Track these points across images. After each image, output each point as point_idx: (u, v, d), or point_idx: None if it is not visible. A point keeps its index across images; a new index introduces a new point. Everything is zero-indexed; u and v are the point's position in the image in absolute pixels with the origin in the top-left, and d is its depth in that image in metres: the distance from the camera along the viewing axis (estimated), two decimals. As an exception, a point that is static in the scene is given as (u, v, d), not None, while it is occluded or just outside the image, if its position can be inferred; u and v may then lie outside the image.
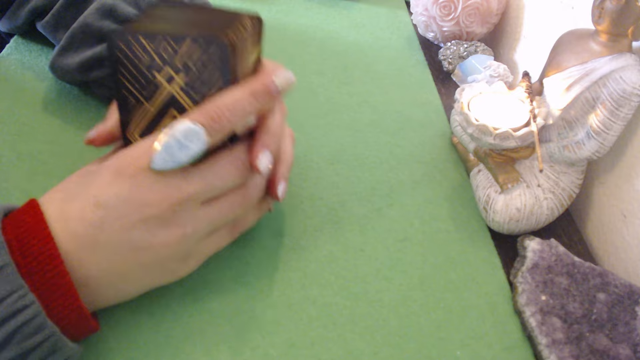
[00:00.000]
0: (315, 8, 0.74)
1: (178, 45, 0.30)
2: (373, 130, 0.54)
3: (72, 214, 0.29)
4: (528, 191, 0.44)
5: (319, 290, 0.38)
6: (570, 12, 0.56)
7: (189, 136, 0.30)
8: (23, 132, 0.45)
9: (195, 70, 0.31)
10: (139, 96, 0.32)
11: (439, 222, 0.46)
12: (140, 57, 0.31)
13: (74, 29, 0.45)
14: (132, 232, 0.30)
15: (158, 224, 0.30)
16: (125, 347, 0.33)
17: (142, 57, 0.31)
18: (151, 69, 0.31)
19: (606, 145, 0.42)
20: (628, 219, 0.45)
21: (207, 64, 0.31)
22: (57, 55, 0.46)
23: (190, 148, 0.30)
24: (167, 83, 0.31)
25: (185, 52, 0.30)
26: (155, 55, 0.31)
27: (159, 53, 0.31)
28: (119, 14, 0.44)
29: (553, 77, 0.44)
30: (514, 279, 0.41)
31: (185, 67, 0.31)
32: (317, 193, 0.46)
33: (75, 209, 0.29)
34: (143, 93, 0.32)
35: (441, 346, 0.37)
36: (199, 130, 0.30)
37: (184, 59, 0.31)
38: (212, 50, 0.30)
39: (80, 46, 0.45)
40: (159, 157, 0.29)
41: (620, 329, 0.38)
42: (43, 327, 0.27)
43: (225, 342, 0.34)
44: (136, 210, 0.30)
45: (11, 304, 0.26)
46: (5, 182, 0.41)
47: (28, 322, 0.26)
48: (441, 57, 0.66)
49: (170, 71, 0.31)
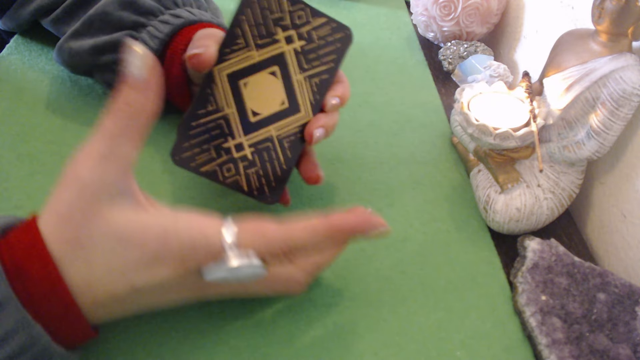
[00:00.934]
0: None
1: (314, 17, 0.34)
2: (373, 130, 0.54)
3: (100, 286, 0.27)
4: (528, 191, 0.44)
5: (319, 290, 0.38)
6: (570, 12, 0.56)
7: (248, 276, 0.29)
8: (23, 132, 0.45)
9: (317, 43, 0.35)
10: (251, 41, 0.34)
11: (439, 222, 0.46)
12: (273, 10, 0.34)
13: (90, 15, 0.44)
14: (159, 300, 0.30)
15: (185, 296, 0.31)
16: (125, 347, 0.33)
17: (276, 11, 0.34)
18: (278, 25, 0.34)
19: (606, 145, 0.42)
20: (628, 219, 0.45)
21: (329, 44, 0.35)
22: (69, 38, 0.45)
23: (241, 280, 0.29)
24: (285, 42, 0.34)
25: (317, 26, 0.34)
26: (288, 16, 0.34)
27: (292, 16, 0.34)
28: (140, 5, 0.44)
29: (553, 77, 0.44)
30: (514, 279, 0.41)
31: (310, 37, 0.35)
32: (317, 193, 0.46)
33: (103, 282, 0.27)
34: (257, 40, 0.34)
35: (441, 346, 0.37)
36: (262, 273, 0.29)
37: (312, 30, 0.34)
38: (340, 35, 0.35)
39: (97, 32, 0.44)
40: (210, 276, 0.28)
41: (620, 329, 0.38)
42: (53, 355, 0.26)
43: (225, 342, 0.34)
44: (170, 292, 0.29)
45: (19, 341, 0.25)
46: (5, 182, 0.41)
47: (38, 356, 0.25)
48: (441, 57, 0.66)
49: (295, 35, 0.34)
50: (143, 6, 0.44)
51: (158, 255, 0.27)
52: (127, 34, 0.43)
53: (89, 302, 0.27)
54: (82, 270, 0.26)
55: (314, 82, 0.36)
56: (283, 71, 0.35)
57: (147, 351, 0.33)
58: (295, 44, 0.34)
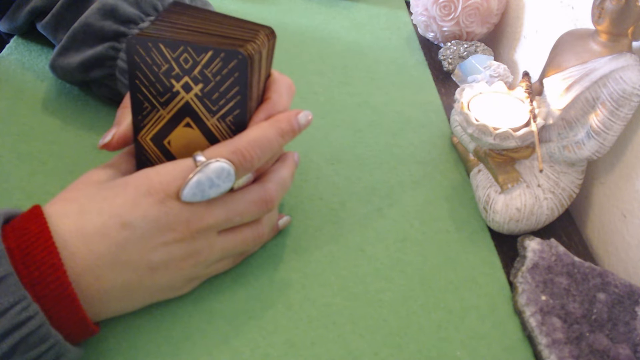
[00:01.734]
0: (315, 8, 0.74)
1: (199, 55, 0.31)
2: (373, 130, 0.54)
3: (93, 230, 0.29)
4: (528, 191, 0.44)
5: (319, 290, 0.38)
6: (570, 12, 0.56)
7: (220, 175, 0.31)
8: (23, 132, 0.45)
9: (214, 81, 0.31)
10: (155, 102, 0.32)
11: (439, 222, 0.46)
12: (159, 64, 0.31)
13: (74, 28, 0.45)
14: (152, 253, 0.31)
15: (177, 248, 0.31)
16: (125, 347, 0.33)
17: (162, 64, 0.31)
18: (169, 77, 0.31)
19: (606, 145, 0.42)
20: (628, 219, 0.45)
21: (226, 77, 0.31)
22: (58, 55, 0.46)
23: (220, 186, 0.31)
24: (184, 92, 0.32)
25: (206, 63, 0.31)
26: (174, 64, 0.31)
27: (178, 62, 0.31)
28: (120, 14, 0.44)
29: (553, 77, 0.44)
30: (514, 279, 0.41)
31: (205, 78, 0.31)
32: (317, 193, 0.46)
33: (96, 225, 0.29)
34: (159, 99, 0.32)
35: (441, 346, 0.37)
36: (230, 170, 0.31)
37: (203, 69, 0.31)
38: (233, 63, 0.31)
39: (81, 46, 0.45)
40: (189, 191, 0.30)
41: (620, 329, 0.38)
42: (47, 336, 0.26)
43: (225, 342, 0.34)
44: (160, 233, 0.30)
45: (15, 315, 0.26)
46: (5, 182, 0.41)
47: (32, 333, 0.26)
48: (441, 57, 0.66)
49: (189, 81, 0.31)
50: (124, 14, 0.44)
51: (141, 190, 0.30)
52: (110, 46, 0.44)
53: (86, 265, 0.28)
54: (74, 219, 0.29)
55: (229, 121, 0.33)
56: (195, 120, 0.33)
57: (147, 351, 0.33)
58: (194, 90, 0.32)
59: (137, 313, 0.35)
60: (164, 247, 0.31)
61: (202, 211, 0.32)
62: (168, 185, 0.30)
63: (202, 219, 0.32)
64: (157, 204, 0.30)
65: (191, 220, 0.31)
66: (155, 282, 0.32)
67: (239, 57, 0.30)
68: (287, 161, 0.38)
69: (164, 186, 0.30)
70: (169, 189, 0.30)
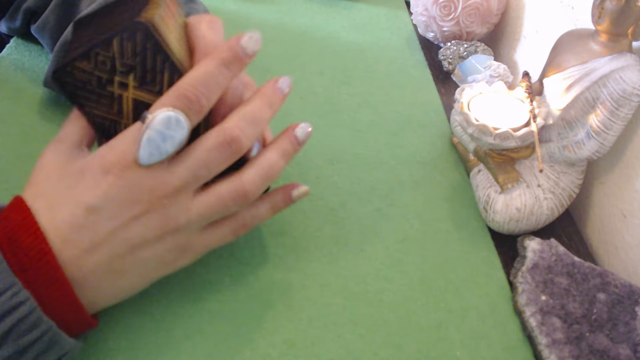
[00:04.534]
0: (315, 8, 0.74)
1: (109, 50, 0.29)
2: (373, 130, 0.54)
3: (63, 220, 0.29)
4: (528, 191, 0.44)
5: (319, 290, 0.38)
6: (570, 12, 0.56)
7: (170, 125, 0.29)
8: (23, 132, 0.45)
9: (138, 64, 0.30)
10: (110, 116, 0.31)
11: (439, 222, 0.46)
12: (87, 81, 0.30)
13: (57, 48, 0.44)
14: (125, 230, 0.30)
15: (150, 219, 0.30)
16: (126, 347, 0.33)
17: (89, 80, 0.30)
18: (103, 86, 0.30)
19: (606, 145, 0.42)
20: (628, 219, 0.45)
21: (143, 52, 0.30)
22: (49, 72, 0.45)
23: (174, 137, 0.29)
24: (124, 91, 0.31)
25: (119, 51, 0.30)
26: (97, 72, 0.30)
27: (99, 68, 0.30)
28: None
29: (553, 77, 0.44)
30: (514, 279, 0.41)
31: (128, 67, 0.30)
32: (317, 193, 0.46)
33: (65, 216, 0.29)
34: (111, 112, 0.31)
35: (441, 346, 0.37)
36: (178, 116, 0.29)
37: (122, 59, 0.30)
38: (140, 37, 0.29)
39: None
40: (144, 152, 0.29)
41: (620, 329, 0.38)
42: (39, 322, 0.27)
43: (225, 342, 0.34)
44: (127, 208, 0.29)
45: (5, 301, 0.26)
46: (5, 182, 0.41)
47: (24, 318, 0.26)
48: (441, 57, 0.66)
49: (120, 78, 0.30)
50: None
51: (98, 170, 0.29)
52: None
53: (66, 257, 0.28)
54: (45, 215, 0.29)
55: None
56: None
57: (147, 351, 0.33)
58: (130, 84, 0.31)
59: (137, 313, 0.35)
60: (135, 221, 0.30)
61: (163, 174, 0.30)
62: (122, 157, 0.29)
63: (166, 183, 0.30)
64: (116, 180, 0.29)
65: (155, 187, 0.30)
66: (140, 259, 0.31)
67: (140, 27, 0.29)
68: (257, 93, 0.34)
69: (119, 158, 0.29)
70: (125, 159, 0.29)
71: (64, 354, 0.28)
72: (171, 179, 0.30)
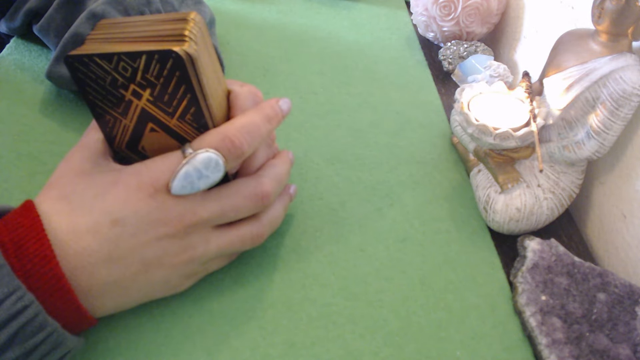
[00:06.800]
0: (315, 8, 0.74)
1: (135, 62, 0.30)
2: (373, 130, 0.54)
3: (85, 228, 0.29)
4: (528, 191, 0.44)
5: (319, 290, 0.38)
6: (570, 12, 0.56)
7: (208, 166, 0.30)
8: (23, 132, 0.45)
9: (159, 84, 0.30)
10: (114, 113, 0.32)
11: (439, 222, 0.46)
12: (102, 77, 0.30)
13: (65, 39, 0.44)
14: (145, 249, 0.30)
15: (171, 243, 0.31)
16: (125, 347, 0.33)
17: (104, 76, 0.30)
18: (117, 87, 0.31)
19: (606, 145, 0.42)
20: (628, 219, 0.45)
21: (169, 77, 0.30)
22: (52, 65, 0.46)
23: (209, 177, 0.31)
24: (136, 99, 0.31)
25: (144, 68, 0.30)
26: (116, 74, 0.30)
27: (119, 72, 0.30)
28: None
29: (553, 77, 0.44)
30: (514, 279, 0.41)
31: (149, 82, 0.30)
32: (317, 193, 0.46)
33: (88, 223, 0.29)
34: (117, 110, 0.32)
35: (441, 346, 0.37)
36: (218, 159, 0.31)
37: (144, 74, 0.30)
38: (170, 63, 0.30)
39: None
40: (177, 183, 0.30)
41: (620, 329, 0.38)
42: (45, 325, 0.27)
43: (225, 342, 0.34)
44: (152, 229, 0.30)
45: (10, 305, 0.26)
46: (5, 182, 0.41)
47: (29, 322, 0.26)
48: (441, 57, 0.66)
49: (136, 88, 0.31)
50: None
51: (131, 185, 0.30)
52: None
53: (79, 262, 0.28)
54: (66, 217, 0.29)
55: (189, 120, 0.32)
56: (158, 124, 0.32)
57: (147, 351, 0.33)
58: (144, 95, 0.31)
59: (137, 313, 0.35)
60: (157, 242, 0.30)
61: (195, 205, 0.31)
62: (157, 179, 0.30)
63: (195, 213, 0.31)
64: (148, 199, 0.30)
65: (184, 215, 0.31)
66: (149, 279, 0.31)
67: (173, 56, 0.29)
68: (283, 157, 0.38)
69: (153, 180, 0.30)
70: (158, 182, 0.30)
71: (68, 351, 0.29)
72: (201, 211, 0.31)
